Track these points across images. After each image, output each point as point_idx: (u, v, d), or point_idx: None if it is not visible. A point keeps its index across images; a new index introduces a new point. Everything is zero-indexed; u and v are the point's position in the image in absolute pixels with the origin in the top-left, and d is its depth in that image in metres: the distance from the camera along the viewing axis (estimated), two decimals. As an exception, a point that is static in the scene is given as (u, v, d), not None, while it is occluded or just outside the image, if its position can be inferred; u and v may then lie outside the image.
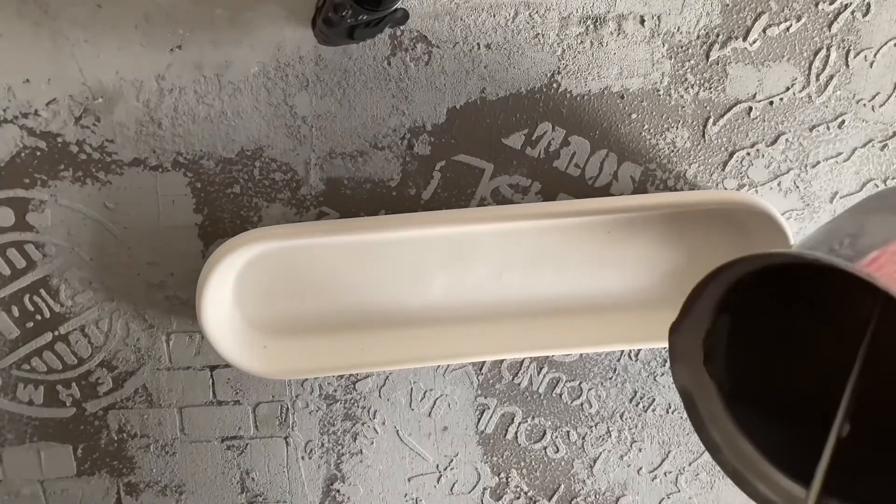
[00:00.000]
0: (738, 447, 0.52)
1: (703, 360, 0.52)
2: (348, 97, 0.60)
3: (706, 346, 0.52)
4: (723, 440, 0.52)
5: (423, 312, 0.64)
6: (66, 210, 0.61)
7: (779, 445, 0.50)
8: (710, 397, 0.52)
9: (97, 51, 0.57)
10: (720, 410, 0.52)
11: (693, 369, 0.52)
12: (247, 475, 0.71)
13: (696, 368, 0.52)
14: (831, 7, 0.61)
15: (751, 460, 0.51)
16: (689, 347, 0.52)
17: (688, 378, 0.52)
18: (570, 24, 0.60)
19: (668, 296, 0.66)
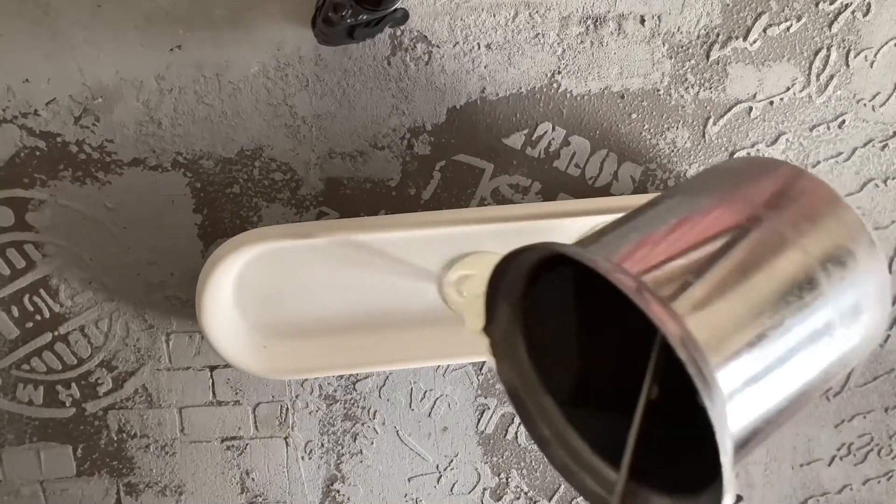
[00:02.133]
0: (567, 441, 0.51)
1: (525, 354, 0.51)
2: (348, 97, 0.60)
3: (526, 341, 0.51)
4: (552, 434, 0.51)
5: (423, 312, 0.64)
6: (66, 210, 0.61)
7: (606, 437, 0.49)
8: (536, 393, 0.51)
9: (97, 51, 0.57)
10: (549, 405, 0.51)
11: (515, 366, 0.51)
12: (247, 475, 0.71)
13: (518, 365, 0.51)
14: (832, 7, 0.61)
15: (580, 453, 0.50)
16: (507, 344, 0.51)
17: (512, 375, 0.51)
18: (571, 24, 0.60)
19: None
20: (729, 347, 0.40)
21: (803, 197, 0.48)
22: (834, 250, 0.45)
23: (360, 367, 0.64)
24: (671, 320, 0.38)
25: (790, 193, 0.48)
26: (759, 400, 0.41)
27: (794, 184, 0.48)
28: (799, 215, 0.46)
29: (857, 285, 0.45)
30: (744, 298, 0.41)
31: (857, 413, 0.73)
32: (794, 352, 0.42)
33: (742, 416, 0.40)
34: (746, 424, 0.41)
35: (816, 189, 0.48)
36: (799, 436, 0.74)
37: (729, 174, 0.51)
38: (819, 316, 0.43)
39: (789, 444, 0.74)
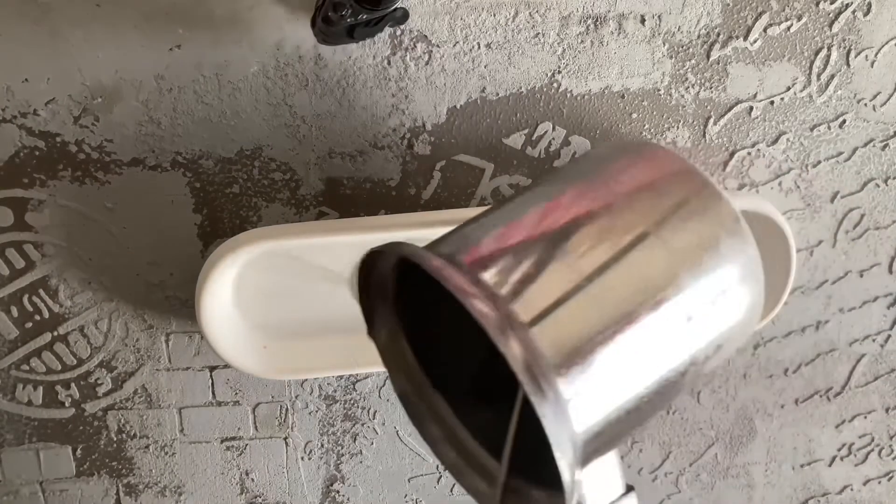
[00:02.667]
0: (459, 441, 0.49)
1: (413, 355, 0.49)
2: (348, 97, 0.60)
3: (411, 342, 0.49)
4: (443, 435, 0.49)
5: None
6: (65, 210, 0.61)
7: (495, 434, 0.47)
8: (426, 393, 0.50)
9: (96, 50, 0.57)
10: (440, 405, 0.49)
11: (404, 368, 0.50)
12: (246, 476, 0.71)
13: (406, 367, 0.50)
14: (832, 6, 0.61)
15: (472, 454, 0.48)
16: (394, 347, 0.50)
17: (403, 378, 0.50)
18: (571, 24, 0.60)
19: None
20: (575, 346, 0.38)
21: (659, 178, 0.45)
22: (692, 232, 0.43)
23: (360, 368, 0.64)
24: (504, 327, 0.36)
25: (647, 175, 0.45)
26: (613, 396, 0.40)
27: (653, 164, 0.46)
28: (653, 199, 0.43)
29: (720, 266, 0.42)
30: (591, 293, 0.40)
31: (857, 413, 0.73)
32: (650, 345, 0.40)
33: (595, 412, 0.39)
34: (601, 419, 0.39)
35: (674, 167, 0.46)
36: (799, 436, 0.74)
37: (592, 161, 0.49)
38: (677, 302, 0.41)
39: (790, 444, 0.74)
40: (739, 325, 0.44)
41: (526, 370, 0.36)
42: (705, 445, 0.73)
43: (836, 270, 0.68)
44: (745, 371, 0.71)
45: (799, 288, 0.68)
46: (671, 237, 0.42)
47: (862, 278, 0.69)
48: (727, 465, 0.74)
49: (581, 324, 0.39)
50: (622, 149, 0.48)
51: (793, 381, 0.72)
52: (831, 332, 0.70)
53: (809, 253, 0.67)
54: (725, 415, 0.72)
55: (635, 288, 0.41)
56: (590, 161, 0.49)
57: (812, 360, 0.71)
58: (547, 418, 0.35)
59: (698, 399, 0.71)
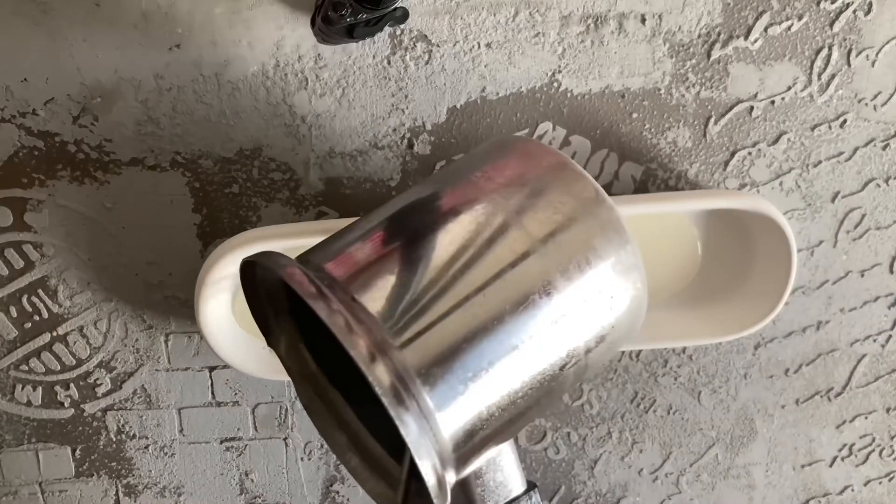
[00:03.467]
0: (362, 444, 0.48)
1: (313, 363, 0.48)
2: (348, 96, 0.60)
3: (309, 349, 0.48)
4: (347, 440, 0.48)
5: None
6: (65, 210, 0.61)
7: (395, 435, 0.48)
8: (334, 399, 0.48)
9: (95, 50, 0.57)
10: (346, 411, 0.48)
11: (308, 377, 0.49)
12: (246, 476, 0.70)
13: (310, 376, 0.49)
14: (833, 6, 0.61)
15: (376, 458, 0.47)
16: (295, 356, 0.48)
17: (309, 389, 0.49)
18: (571, 23, 0.59)
19: (668, 296, 0.65)
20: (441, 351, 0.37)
21: (531, 171, 0.44)
22: (564, 229, 0.42)
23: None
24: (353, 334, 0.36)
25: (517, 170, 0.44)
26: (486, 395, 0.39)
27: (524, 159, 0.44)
28: (523, 194, 0.42)
29: (595, 263, 0.42)
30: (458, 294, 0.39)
31: (858, 414, 0.73)
32: (521, 342, 0.39)
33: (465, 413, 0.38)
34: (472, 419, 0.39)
35: (547, 161, 0.44)
36: (800, 436, 0.73)
37: (464, 160, 0.48)
38: (548, 302, 0.40)
39: (790, 444, 0.74)
40: (625, 317, 0.43)
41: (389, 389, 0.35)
42: (706, 446, 0.73)
43: (837, 270, 0.68)
44: (745, 371, 0.71)
45: (800, 288, 0.68)
46: (540, 234, 0.41)
47: (863, 278, 0.68)
48: (728, 466, 0.74)
49: (445, 329, 0.38)
50: (496, 146, 0.47)
51: (793, 381, 0.71)
52: (832, 332, 0.70)
53: (810, 253, 0.67)
54: (726, 415, 0.72)
55: (503, 288, 0.40)
56: (463, 160, 0.48)
57: (813, 361, 0.71)
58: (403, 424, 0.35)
59: (699, 399, 0.71)
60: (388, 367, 0.36)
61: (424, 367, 0.37)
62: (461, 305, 0.39)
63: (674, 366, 0.70)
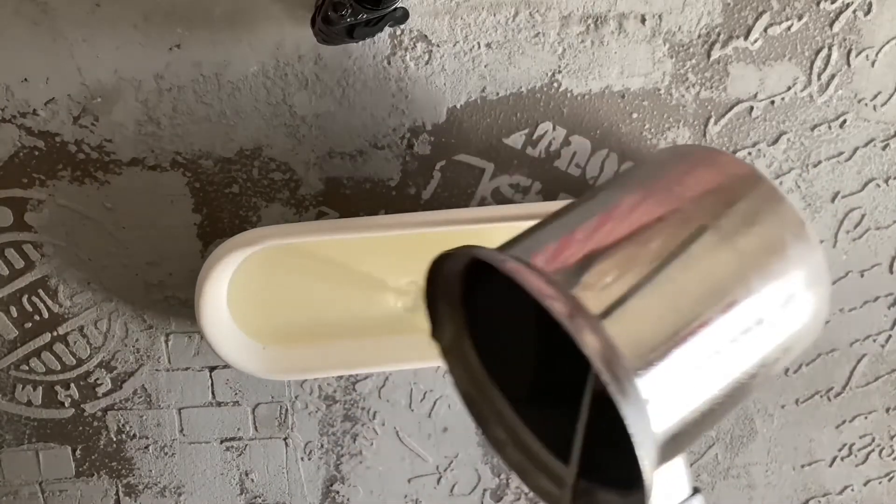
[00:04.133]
0: (522, 442, 0.50)
1: (476, 357, 0.50)
2: (348, 96, 0.60)
3: (475, 343, 0.50)
4: (508, 436, 0.50)
5: (422, 312, 0.64)
6: (65, 210, 0.61)
7: (560, 435, 0.48)
8: (490, 394, 0.50)
9: (96, 50, 0.57)
10: (503, 405, 0.50)
11: (468, 369, 0.50)
12: (246, 476, 0.70)
13: (469, 368, 0.50)
14: (833, 6, 0.61)
15: (535, 454, 0.49)
16: (457, 348, 0.50)
17: (466, 379, 0.50)
18: (571, 23, 0.59)
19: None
20: (651, 348, 0.39)
21: (724, 182, 0.46)
22: (758, 237, 0.43)
23: (359, 368, 0.64)
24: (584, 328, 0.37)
25: (711, 179, 0.46)
26: (688, 397, 0.40)
27: (716, 169, 0.46)
28: (720, 203, 0.44)
29: (787, 270, 0.43)
30: (665, 295, 0.40)
31: (858, 413, 0.73)
32: (723, 347, 0.41)
33: (671, 414, 0.39)
34: (677, 421, 0.40)
35: (738, 171, 0.46)
36: (800, 436, 0.73)
37: (652, 166, 0.49)
38: (746, 307, 0.41)
39: (790, 444, 0.74)
40: (806, 329, 0.45)
41: (608, 370, 0.36)
42: (705, 445, 0.73)
43: (837, 270, 0.68)
44: (745, 371, 0.71)
45: (799, 288, 0.68)
46: (739, 240, 0.42)
47: (863, 278, 0.69)
48: (727, 466, 0.74)
49: (656, 325, 0.39)
50: (682, 154, 0.49)
51: (793, 381, 0.72)
52: (832, 332, 0.70)
53: (810, 253, 0.67)
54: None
55: (706, 290, 0.41)
56: (649, 167, 0.50)
57: (813, 360, 0.71)
58: (630, 418, 0.35)
59: (699, 399, 0.71)
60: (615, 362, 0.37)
61: (638, 362, 0.38)
62: (670, 305, 0.40)
63: (674, 366, 0.70)
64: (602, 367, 0.36)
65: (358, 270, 0.63)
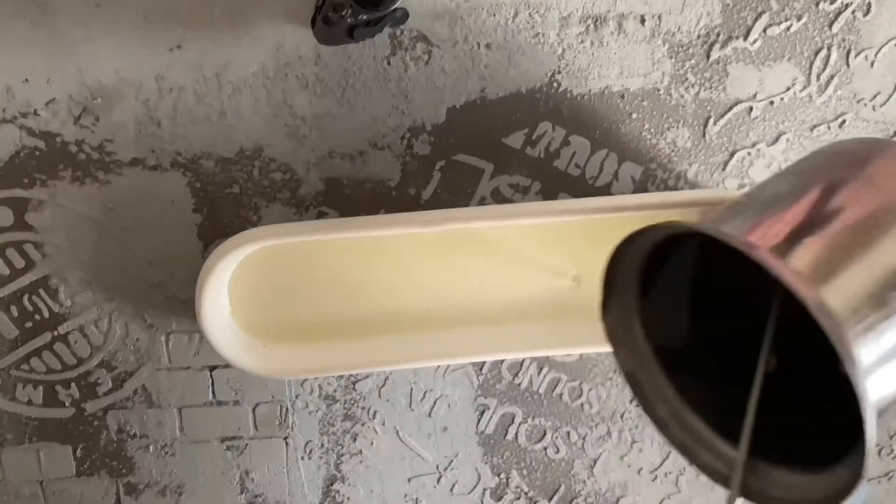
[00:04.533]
0: (684, 420, 0.52)
1: (643, 337, 0.52)
2: (348, 97, 0.60)
3: (642, 323, 0.52)
4: (669, 415, 0.52)
5: (422, 312, 0.64)
6: (66, 210, 0.61)
7: (723, 414, 0.50)
8: (653, 374, 0.53)
9: (96, 50, 0.57)
10: (665, 386, 0.53)
11: (632, 349, 0.53)
12: (246, 475, 0.71)
13: (634, 348, 0.53)
14: (832, 7, 0.61)
15: (697, 432, 0.52)
16: (624, 328, 0.52)
17: (630, 359, 0.53)
18: (571, 24, 0.60)
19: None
20: (863, 318, 0.40)
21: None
22: None
23: (359, 367, 0.64)
24: (806, 286, 0.38)
25: None
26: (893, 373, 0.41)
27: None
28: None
29: None
30: (870, 272, 0.42)
31: (857, 413, 0.73)
32: None
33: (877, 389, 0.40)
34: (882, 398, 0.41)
35: None
36: (799, 436, 0.74)
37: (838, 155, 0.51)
38: None
39: (789, 444, 0.74)
40: None
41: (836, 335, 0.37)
42: (705, 445, 0.73)
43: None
44: (744, 371, 0.71)
45: (799, 288, 0.68)
46: None
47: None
48: (727, 465, 0.74)
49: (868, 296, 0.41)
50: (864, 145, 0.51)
51: (792, 380, 0.72)
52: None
53: (809, 253, 0.67)
54: (725, 414, 0.72)
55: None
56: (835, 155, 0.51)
57: (812, 360, 0.71)
58: (859, 385, 0.37)
59: (698, 399, 0.71)
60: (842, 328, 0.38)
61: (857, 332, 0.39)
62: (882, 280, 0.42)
63: (673, 365, 0.70)
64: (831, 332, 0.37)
65: (358, 269, 0.63)
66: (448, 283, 0.64)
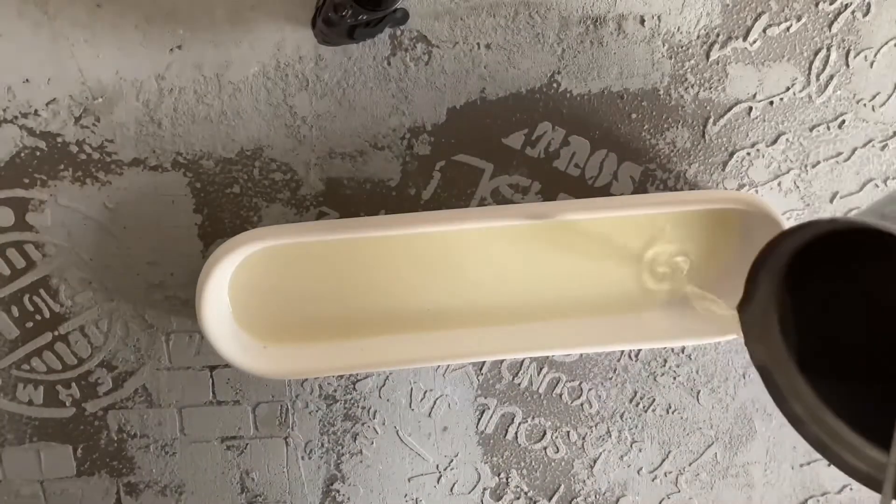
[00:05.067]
0: (821, 419, 0.51)
1: (779, 333, 0.52)
2: (348, 97, 0.60)
3: (779, 319, 0.52)
4: (805, 412, 0.52)
5: (422, 312, 0.64)
6: (66, 210, 0.61)
7: (866, 415, 0.50)
8: (789, 371, 0.52)
9: (97, 51, 0.57)
10: (800, 383, 0.52)
11: (767, 345, 0.52)
12: (246, 475, 0.71)
13: (770, 344, 0.52)
14: (831, 7, 0.61)
15: (835, 431, 0.51)
16: (761, 323, 0.52)
17: (764, 354, 0.52)
18: (570, 24, 0.60)
19: (668, 296, 0.66)
20: None
21: None
22: None
23: (360, 368, 0.64)
24: None
25: None
26: None
27: None
28: None
29: None
30: None
31: (856, 413, 0.73)
32: None
33: None
34: None
35: None
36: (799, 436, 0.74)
37: None
38: None
39: (789, 443, 0.74)
40: None
41: None
42: (705, 445, 0.73)
43: (836, 270, 0.68)
44: (744, 371, 0.71)
45: (798, 288, 0.68)
46: None
47: (861, 278, 0.69)
48: (726, 465, 0.74)
49: None
50: None
51: (792, 380, 0.72)
52: (830, 331, 0.70)
53: (809, 253, 0.67)
54: (725, 414, 0.72)
55: None
56: None
57: (811, 360, 0.71)
58: None
59: (698, 399, 0.71)
60: None
61: None
62: None
63: (673, 365, 0.70)
64: None
65: (358, 269, 0.63)
66: (448, 283, 0.64)
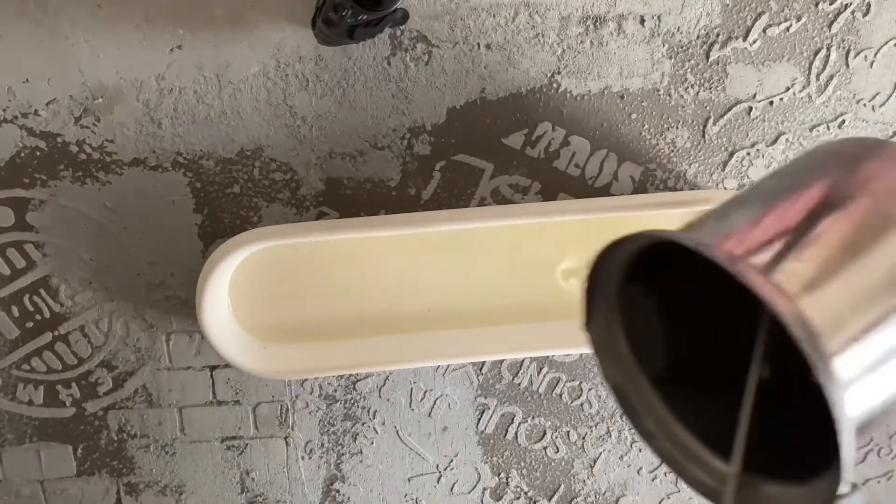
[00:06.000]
0: (672, 433, 0.51)
1: (627, 348, 0.51)
2: (348, 97, 0.60)
3: (626, 335, 0.51)
4: (656, 427, 0.51)
5: (422, 312, 0.64)
6: (66, 210, 0.61)
7: (713, 426, 0.49)
8: (640, 385, 0.52)
9: (97, 51, 0.57)
10: (652, 397, 0.51)
11: (618, 361, 0.52)
12: (247, 475, 0.71)
13: (621, 360, 0.52)
14: (831, 7, 0.61)
15: (686, 445, 0.50)
16: (608, 340, 0.51)
17: (615, 371, 0.52)
18: (571, 24, 0.60)
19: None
20: (845, 330, 0.39)
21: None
22: None
23: (360, 367, 0.64)
24: (783, 299, 0.37)
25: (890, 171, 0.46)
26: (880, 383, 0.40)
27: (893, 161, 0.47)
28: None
29: None
30: (856, 281, 0.40)
31: (856, 413, 0.73)
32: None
33: (862, 400, 0.39)
34: (867, 409, 0.40)
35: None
36: (799, 436, 0.74)
37: (829, 156, 0.49)
38: None
39: (789, 443, 0.74)
40: None
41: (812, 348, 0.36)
42: (705, 445, 0.73)
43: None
44: (744, 371, 0.71)
45: (798, 288, 0.68)
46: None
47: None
48: (726, 465, 0.74)
49: (852, 310, 0.39)
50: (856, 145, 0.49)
51: (792, 380, 0.72)
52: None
53: (808, 253, 0.67)
54: (725, 414, 0.72)
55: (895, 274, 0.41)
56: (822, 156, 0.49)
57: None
58: (833, 399, 0.35)
59: (698, 399, 0.71)
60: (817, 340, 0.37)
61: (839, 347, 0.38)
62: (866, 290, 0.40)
63: (673, 365, 0.70)
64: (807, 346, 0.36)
65: (358, 269, 0.63)
66: (448, 283, 0.64)
